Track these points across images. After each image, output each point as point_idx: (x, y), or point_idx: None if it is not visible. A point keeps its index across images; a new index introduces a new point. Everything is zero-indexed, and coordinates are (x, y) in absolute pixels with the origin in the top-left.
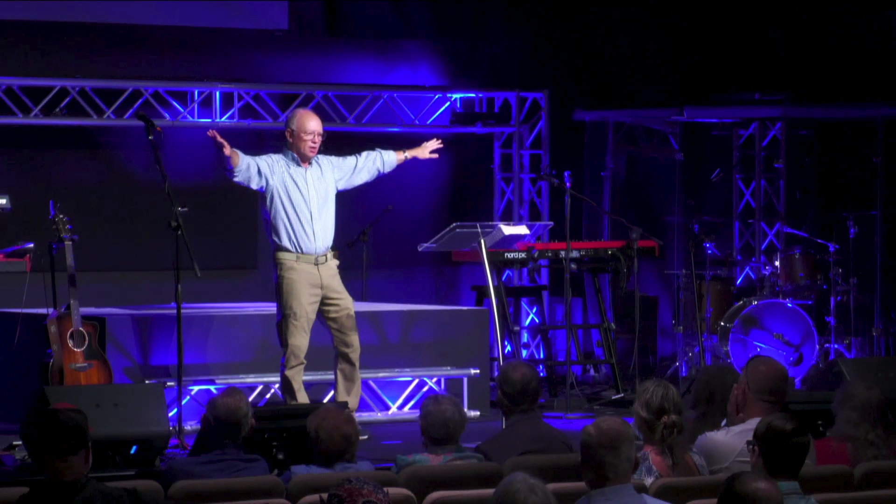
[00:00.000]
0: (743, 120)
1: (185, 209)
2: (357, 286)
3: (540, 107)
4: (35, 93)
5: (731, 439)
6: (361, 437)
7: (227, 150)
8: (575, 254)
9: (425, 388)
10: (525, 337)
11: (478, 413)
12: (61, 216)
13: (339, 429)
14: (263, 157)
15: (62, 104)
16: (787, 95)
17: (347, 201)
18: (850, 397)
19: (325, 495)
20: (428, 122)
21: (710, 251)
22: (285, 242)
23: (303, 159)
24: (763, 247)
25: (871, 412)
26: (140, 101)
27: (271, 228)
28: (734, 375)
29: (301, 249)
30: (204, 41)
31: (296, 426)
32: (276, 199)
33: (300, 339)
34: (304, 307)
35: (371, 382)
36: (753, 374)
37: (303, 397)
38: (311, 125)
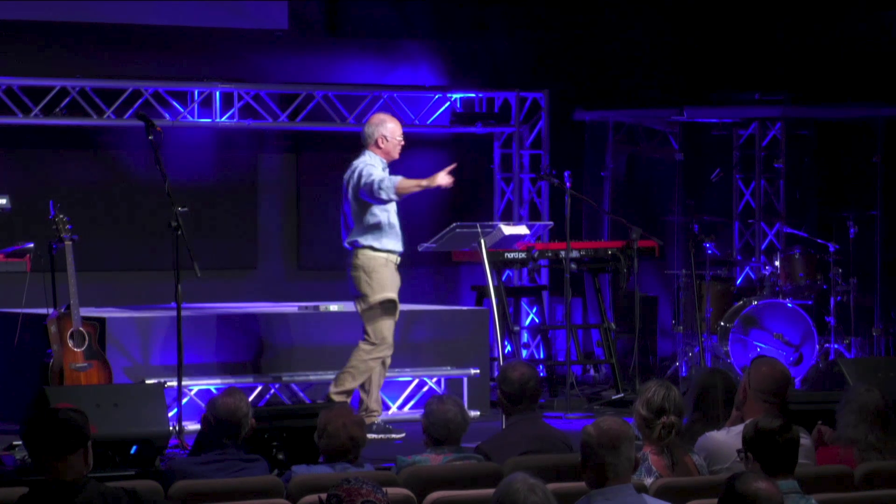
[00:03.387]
0: (743, 120)
1: (185, 209)
2: None
3: (540, 107)
4: (35, 93)
5: (732, 439)
6: (398, 435)
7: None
8: (575, 254)
9: (425, 388)
10: (525, 337)
11: (478, 413)
12: (61, 216)
13: (347, 428)
14: (378, 165)
15: (62, 104)
16: (787, 95)
17: None
18: (850, 400)
19: (324, 495)
20: (428, 122)
21: (710, 251)
22: (385, 244)
23: (389, 163)
24: (763, 247)
25: (870, 414)
26: (140, 101)
27: (369, 228)
28: (724, 376)
29: (396, 251)
30: (204, 41)
31: (296, 426)
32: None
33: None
34: (398, 303)
35: None
36: (755, 374)
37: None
38: (400, 129)
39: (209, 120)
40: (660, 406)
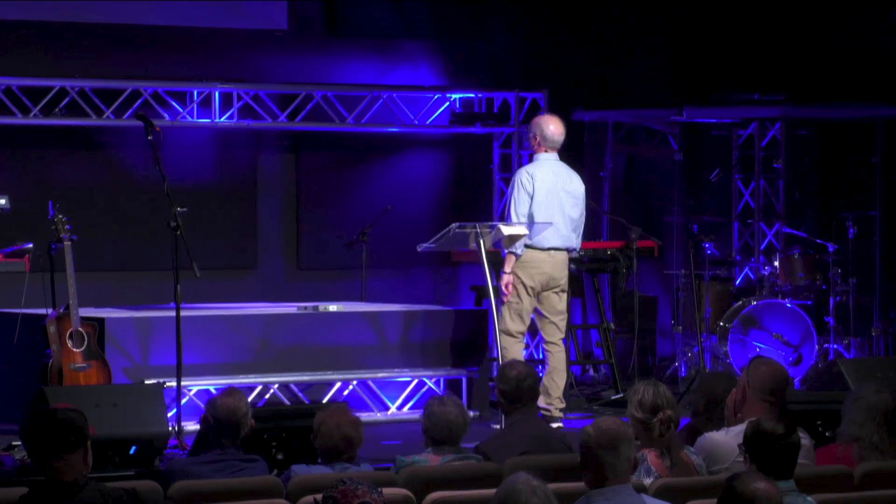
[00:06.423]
0: (742, 120)
1: (185, 209)
2: (357, 286)
3: (540, 107)
4: (35, 93)
5: (731, 439)
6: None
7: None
8: (574, 254)
9: (425, 389)
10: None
11: (477, 413)
12: (61, 216)
13: (341, 428)
14: None
15: (62, 104)
16: (787, 95)
17: (347, 201)
18: (859, 398)
19: (318, 496)
20: (428, 122)
21: (709, 251)
22: None
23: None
24: (762, 247)
25: (879, 415)
26: (140, 101)
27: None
28: (730, 381)
29: None
30: (204, 41)
31: (295, 426)
32: None
33: None
34: None
35: (371, 382)
36: (754, 374)
37: None
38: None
39: (208, 120)
40: (653, 403)
